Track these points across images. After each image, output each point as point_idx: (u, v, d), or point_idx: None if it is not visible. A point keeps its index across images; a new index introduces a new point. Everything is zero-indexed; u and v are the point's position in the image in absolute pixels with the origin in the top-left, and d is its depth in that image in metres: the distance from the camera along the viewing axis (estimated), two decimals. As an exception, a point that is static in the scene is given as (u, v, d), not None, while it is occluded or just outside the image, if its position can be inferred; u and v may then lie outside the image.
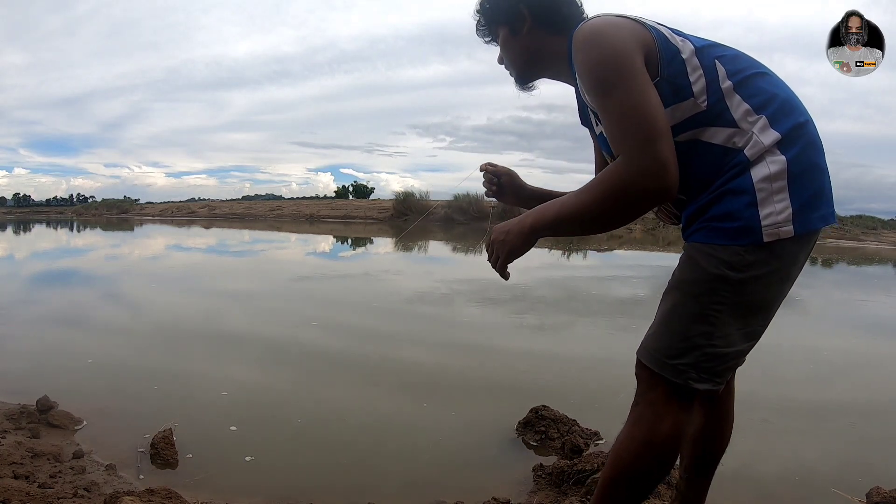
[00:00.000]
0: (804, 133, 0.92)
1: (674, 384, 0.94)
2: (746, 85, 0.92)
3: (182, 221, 23.57)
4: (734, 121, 0.90)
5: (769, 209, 0.88)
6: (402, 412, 2.24)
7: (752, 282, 0.90)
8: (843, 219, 20.93)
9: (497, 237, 0.99)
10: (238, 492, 1.58)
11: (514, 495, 1.58)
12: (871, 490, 1.59)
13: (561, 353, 3.19)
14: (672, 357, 0.93)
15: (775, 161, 0.88)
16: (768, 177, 0.88)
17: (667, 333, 0.95)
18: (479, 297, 5.03)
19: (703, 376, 0.93)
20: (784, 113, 0.91)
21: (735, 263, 0.89)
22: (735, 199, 0.89)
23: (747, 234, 0.88)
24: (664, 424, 0.94)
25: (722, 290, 0.90)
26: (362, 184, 42.21)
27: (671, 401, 0.95)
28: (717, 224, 0.90)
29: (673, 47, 0.92)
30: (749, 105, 0.91)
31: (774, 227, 0.88)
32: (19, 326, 3.50)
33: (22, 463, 1.63)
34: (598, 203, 0.88)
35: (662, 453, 0.95)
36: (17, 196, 54.18)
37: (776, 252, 0.89)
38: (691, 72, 0.91)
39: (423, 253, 10.00)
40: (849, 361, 3.28)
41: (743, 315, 0.92)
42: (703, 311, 0.92)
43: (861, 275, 9.16)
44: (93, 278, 6.11)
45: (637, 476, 0.97)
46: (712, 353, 0.92)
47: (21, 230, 17.67)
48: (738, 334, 0.93)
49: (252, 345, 3.22)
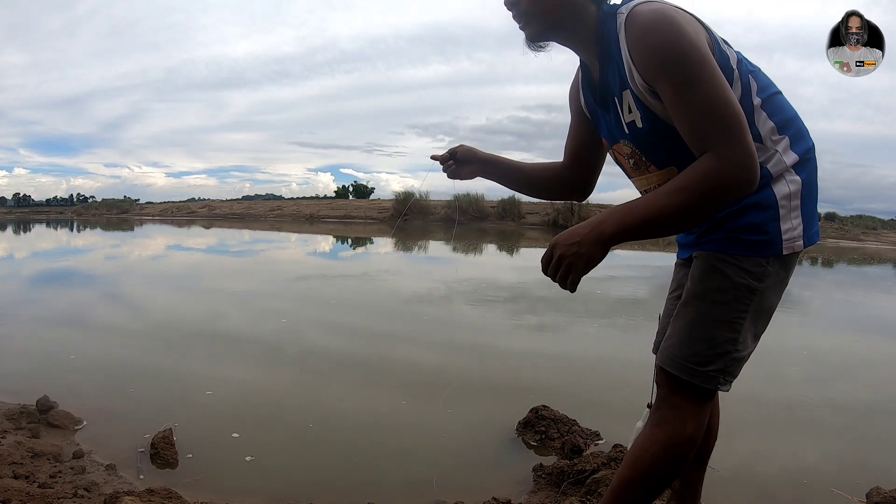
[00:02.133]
0: (813, 156, 0.99)
1: (698, 388, 0.98)
2: (771, 103, 0.96)
3: (182, 221, 23.57)
4: (760, 136, 0.94)
5: (788, 224, 0.95)
6: (403, 412, 2.24)
7: (769, 290, 0.97)
8: (843, 219, 20.94)
9: (567, 250, 0.87)
10: (238, 492, 1.58)
11: (514, 495, 1.58)
12: (871, 490, 1.59)
13: (561, 353, 3.19)
14: (701, 364, 0.97)
15: (794, 181, 0.95)
16: (788, 195, 0.95)
17: (695, 341, 0.98)
18: (479, 297, 5.03)
19: (728, 379, 0.99)
20: (801, 136, 0.98)
21: (759, 274, 0.95)
22: (760, 213, 0.94)
23: (771, 247, 0.95)
24: (688, 427, 0.98)
25: (746, 299, 0.96)
26: (362, 184, 42.17)
27: (695, 403, 0.99)
28: (743, 236, 0.95)
29: (725, 53, 0.93)
30: (773, 123, 0.95)
31: (791, 241, 0.95)
32: (20, 326, 3.50)
33: (22, 463, 1.63)
34: (696, 201, 0.83)
35: (683, 455, 0.99)
36: (17, 196, 54.12)
37: (787, 264, 0.98)
38: (734, 81, 0.92)
39: (423, 253, 10.00)
40: (849, 361, 3.28)
41: (759, 321, 0.99)
42: (729, 318, 0.96)
43: (861, 275, 9.16)
44: (93, 278, 6.11)
45: (656, 477, 1.00)
46: (737, 357, 0.98)
47: (21, 230, 17.66)
48: (752, 338, 0.99)
49: (252, 345, 3.22)
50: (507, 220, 19.90)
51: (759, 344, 1.02)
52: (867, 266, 10.55)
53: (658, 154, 0.98)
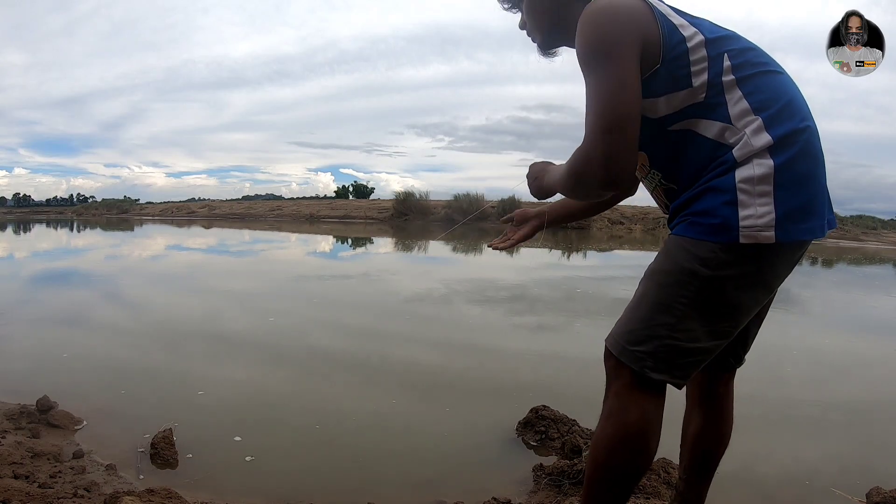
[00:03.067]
0: (800, 141, 0.89)
1: (637, 374, 0.93)
2: (751, 82, 0.90)
3: (182, 221, 23.57)
4: (729, 116, 0.89)
5: (749, 211, 0.86)
6: (402, 412, 2.24)
7: (723, 281, 0.89)
8: (843, 219, 20.92)
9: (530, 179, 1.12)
10: (238, 492, 1.58)
11: (514, 495, 1.58)
12: (871, 490, 1.59)
13: (561, 353, 3.19)
14: (632, 343, 0.94)
15: (762, 164, 0.87)
16: (751, 179, 0.87)
17: (632, 320, 0.96)
18: (479, 297, 5.03)
19: (660, 366, 0.92)
20: (783, 117, 0.89)
21: (707, 260, 0.89)
22: (714, 196, 0.89)
23: (723, 233, 0.87)
24: (631, 416, 0.93)
25: (690, 284, 0.90)
26: (362, 184, 42.23)
27: (635, 390, 0.94)
28: (696, 219, 0.90)
29: (679, 35, 0.91)
30: (748, 103, 0.89)
31: (753, 230, 0.86)
32: (19, 326, 3.50)
33: (22, 463, 1.63)
34: (565, 181, 0.96)
35: (635, 446, 0.94)
36: (17, 196, 54.13)
37: (752, 256, 0.88)
38: (694, 62, 0.90)
39: (423, 253, 10.00)
40: (849, 361, 3.28)
41: (710, 314, 0.92)
42: (668, 301, 0.92)
43: (861, 275, 9.16)
44: (93, 278, 6.10)
45: (614, 471, 0.96)
46: (671, 344, 0.92)
47: (21, 230, 17.66)
48: (703, 332, 0.92)
49: (252, 345, 3.22)
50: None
51: (759, 344, 0.99)
52: (867, 266, 10.55)
53: None
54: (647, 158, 1.01)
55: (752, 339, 1.12)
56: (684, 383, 0.96)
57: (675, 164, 0.95)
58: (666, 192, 1.01)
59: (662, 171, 1.00)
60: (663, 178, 1.00)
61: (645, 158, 1.01)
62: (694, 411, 1.20)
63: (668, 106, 0.92)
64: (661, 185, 1.01)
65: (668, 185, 0.99)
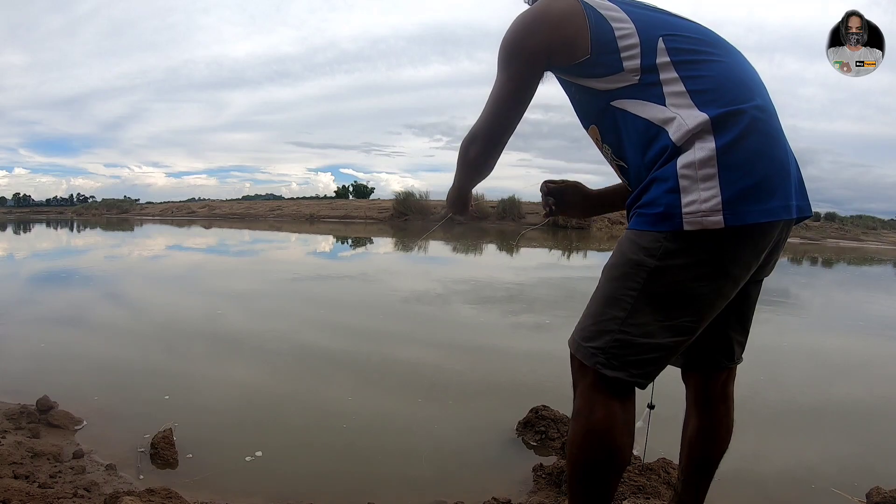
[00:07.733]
0: (744, 119, 0.85)
1: (595, 373, 0.92)
2: (690, 66, 0.89)
3: (182, 221, 23.57)
4: (663, 97, 0.89)
5: (693, 196, 0.83)
6: (402, 412, 2.24)
7: (673, 271, 0.87)
8: (843, 219, 20.93)
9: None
10: (238, 492, 1.58)
11: (514, 495, 1.58)
12: (871, 490, 1.59)
13: (560, 353, 3.15)
14: (586, 340, 0.94)
15: (703, 147, 0.84)
16: (692, 163, 0.84)
17: (585, 317, 0.97)
18: (479, 297, 5.03)
19: (613, 363, 0.90)
20: (724, 97, 0.87)
21: (653, 250, 0.87)
22: (658, 186, 0.88)
23: (666, 221, 0.86)
24: (596, 414, 0.92)
25: (637, 276, 0.89)
26: (362, 184, 42.32)
27: (598, 389, 0.93)
28: (642, 210, 0.91)
29: (607, 25, 0.92)
30: (684, 85, 0.88)
31: (697, 215, 0.83)
32: (19, 326, 3.50)
33: (22, 463, 1.63)
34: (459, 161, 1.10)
35: (604, 444, 0.92)
36: (18, 196, 54.18)
37: (702, 243, 0.85)
38: (624, 49, 0.91)
39: (423, 253, 10.00)
40: (849, 361, 3.28)
41: (663, 306, 0.89)
42: (616, 294, 0.91)
43: (861, 275, 9.16)
44: (93, 278, 6.10)
45: (588, 471, 0.94)
46: (623, 339, 0.89)
47: (21, 230, 17.66)
48: (658, 326, 0.89)
49: (252, 345, 3.21)
50: (507, 219, 19.92)
51: (759, 344, 0.98)
52: (867, 266, 10.55)
53: (580, 115, 1.07)
54: (598, 132, 1.03)
55: (744, 336, 1.09)
56: (645, 383, 0.93)
57: (619, 141, 0.98)
58: (620, 169, 1.03)
59: (612, 146, 1.01)
60: (613, 153, 1.02)
61: (596, 132, 1.03)
62: (692, 413, 1.19)
63: (605, 85, 0.95)
64: (614, 160, 1.03)
65: (619, 162, 1.01)
